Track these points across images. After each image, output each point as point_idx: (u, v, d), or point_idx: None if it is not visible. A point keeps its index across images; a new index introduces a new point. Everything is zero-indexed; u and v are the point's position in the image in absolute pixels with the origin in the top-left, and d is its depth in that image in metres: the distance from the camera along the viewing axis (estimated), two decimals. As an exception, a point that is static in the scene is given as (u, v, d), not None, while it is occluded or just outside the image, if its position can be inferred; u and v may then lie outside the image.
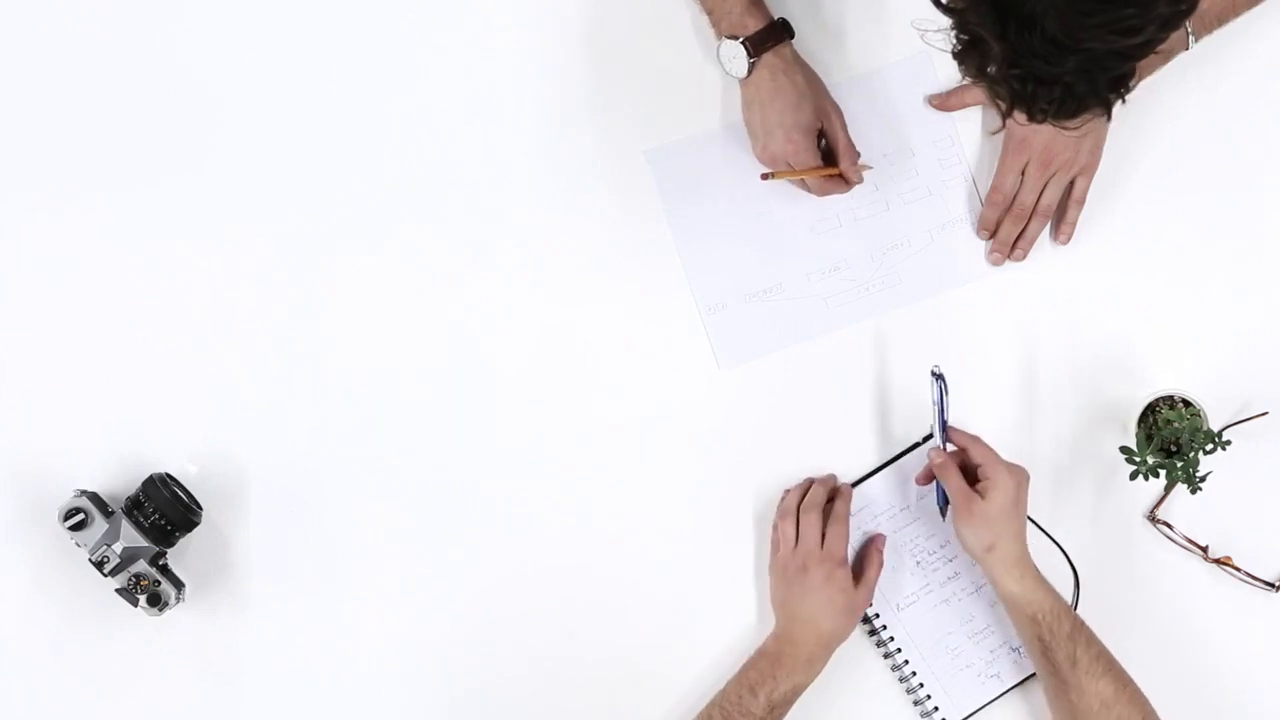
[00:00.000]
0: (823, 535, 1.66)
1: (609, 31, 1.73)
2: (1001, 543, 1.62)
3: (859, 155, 1.69)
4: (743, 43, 1.64)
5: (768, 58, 1.64)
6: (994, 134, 1.72)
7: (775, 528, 1.71)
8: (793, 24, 1.67)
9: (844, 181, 1.69)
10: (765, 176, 1.66)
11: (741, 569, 1.73)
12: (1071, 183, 1.71)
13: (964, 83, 1.71)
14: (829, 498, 1.70)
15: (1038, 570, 1.63)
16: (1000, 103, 1.27)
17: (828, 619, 1.64)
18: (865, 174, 1.71)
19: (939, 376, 1.64)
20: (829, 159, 1.69)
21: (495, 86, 1.75)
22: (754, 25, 1.64)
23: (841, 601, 1.65)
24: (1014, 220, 1.72)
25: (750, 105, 1.67)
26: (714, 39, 1.67)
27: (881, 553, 1.70)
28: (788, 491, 1.72)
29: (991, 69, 1.24)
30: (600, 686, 1.73)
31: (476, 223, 1.75)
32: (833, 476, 1.72)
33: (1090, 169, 1.71)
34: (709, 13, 1.67)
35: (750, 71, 1.65)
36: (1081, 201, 1.72)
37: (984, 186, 1.74)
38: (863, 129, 1.74)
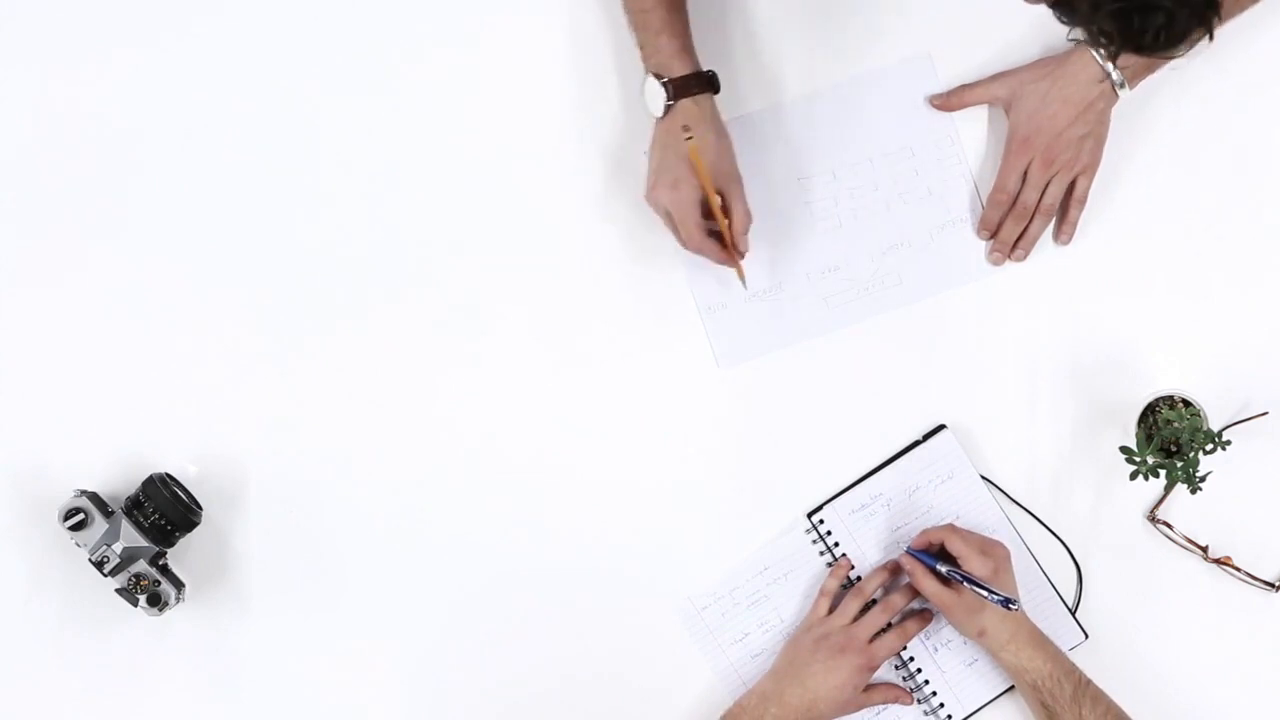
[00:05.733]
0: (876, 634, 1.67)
1: (609, 32, 1.73)
2: (990, 625, 1.63)
3: (750, 223, 1.66)
4: (664, 84, 1.63)
5: (685, 104, 1.64)
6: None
7: (826, 591, 1.70)
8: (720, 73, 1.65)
9: (723, 247, 1.65)
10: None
11: (742, 570, 1.73)
12: (1073, 183, 1.72)
13: (966, 83, 1.73)
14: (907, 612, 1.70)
15: (1035, 634, 1.64)
16: (1109, 44, 1.26)
17: (826, 700, 1.64)
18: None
19: (909, 551, 1.68)
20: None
21: (494, 88, 1.75)
22: (679, 70, 1.63)
23: (846, 697, 1.65)
24: (1016, 219, 1.72)
25: (655, 144, 1.67)
26: (642, 72, 1.66)
27: (898, 700, 1.70)
28: (844, 558, 1.71)
29: (1088, 10, 1.23)
30: (598, 689, 1.73)
31: (474, 224, 1.75)
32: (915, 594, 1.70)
33: (1092, 169, 1.71)
34: (639, 45, 1.66)
35: (665, 113, 1.64)
36: (1083, 201, 1.72)
37: (984, 186, 1.74)
38: (863, 129, 1.74)
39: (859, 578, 1.72)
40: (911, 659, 1.71)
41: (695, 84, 1.64)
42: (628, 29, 1.68)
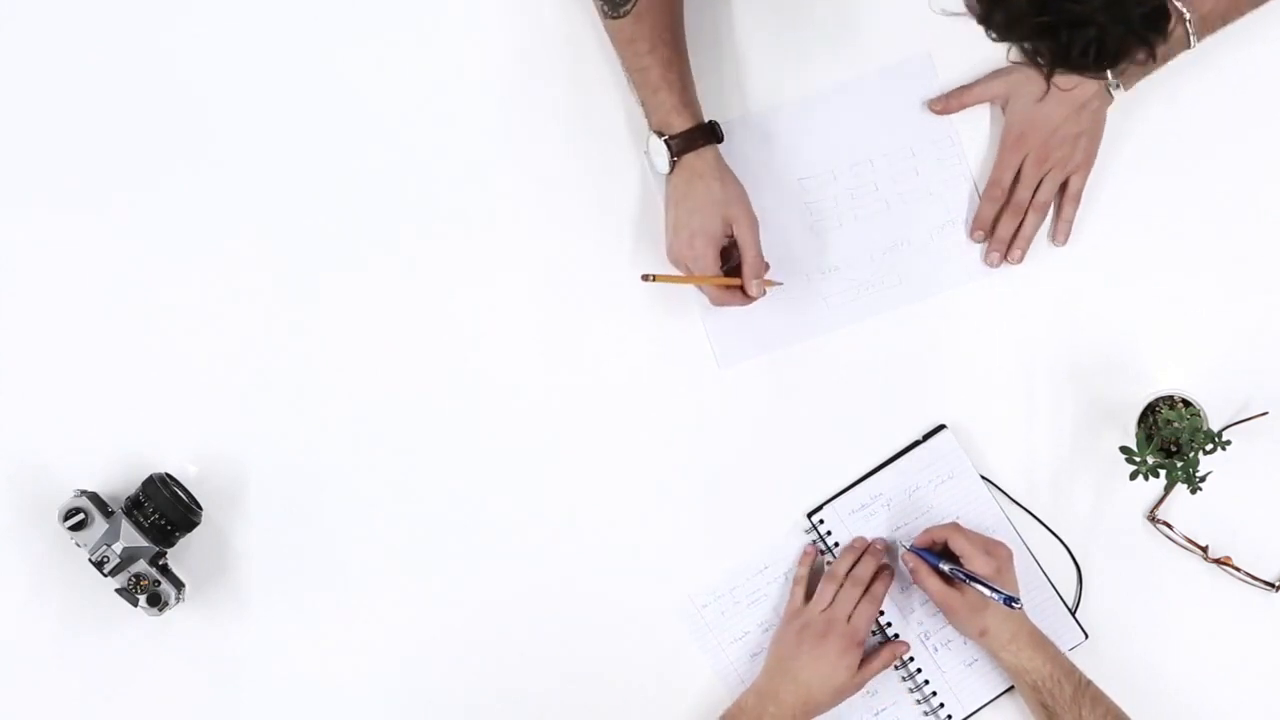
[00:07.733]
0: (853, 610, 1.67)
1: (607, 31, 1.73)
2: (992, 625, 1.63)
3: (767, 269, 1.67)
4: (666, 141, 1.63)
5: (688, 159, 1.64)
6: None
7: (799, 579, 1.71)
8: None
9: (742, 293, 1.66)
10: (645, 278, 1.64)
11: (742, 569, 1.73)
12: (1067, 180, 1.71)
13: (965, 83, 1.73)
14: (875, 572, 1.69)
15: (1035, 635, 1.64)
16: (1040, 61, 1.24)
17: (821, 689, 1.64)
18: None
19: (912, 549, 1.68)
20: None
21: (492, 89, 1.75)
22: (680, 125, 1.63)
23: (841, 680, 1.64)
24: (1011, 215, 1.72)
25: (667, 202, 1.67)
26: (646, 129, 1.66)
27: (896, 657, 1.69)
28: (810, 546, 1.72)
29: (1019, 27, 1.21)
30: (598, 688, 1.73)
31: (474, 225, 1.75)
32: (884, 549, 1.71)
33: (1086, 167, 1.71)
34: (642, 104, 1.66)
35: (671, 170, 1.64)
36: (1077, 199, 1.72)
37: (984, 186, 1.74)
38: (863, 129, 1.74)
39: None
40: (911, 659, 1.71)
41: (698, 137, 1.64)
42: (630, 91, 1.68)
